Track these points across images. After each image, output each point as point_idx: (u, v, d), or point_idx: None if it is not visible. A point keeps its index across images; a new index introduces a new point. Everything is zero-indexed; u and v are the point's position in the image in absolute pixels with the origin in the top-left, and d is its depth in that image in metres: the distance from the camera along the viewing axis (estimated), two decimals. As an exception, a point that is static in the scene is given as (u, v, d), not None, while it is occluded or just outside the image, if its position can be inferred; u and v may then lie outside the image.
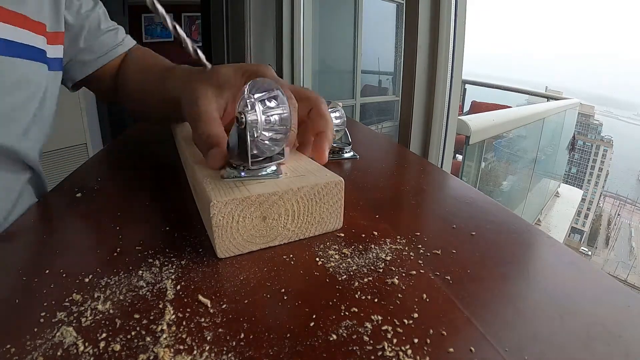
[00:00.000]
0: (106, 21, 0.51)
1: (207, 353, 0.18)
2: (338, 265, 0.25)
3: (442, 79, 0.85)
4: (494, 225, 0.31)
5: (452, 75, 0.87)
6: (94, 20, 0.49)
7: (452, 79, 0.87)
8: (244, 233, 0.25)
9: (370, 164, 0.46)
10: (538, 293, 0.23)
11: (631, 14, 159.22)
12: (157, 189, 0.38)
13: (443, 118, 0.87)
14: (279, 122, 0.26)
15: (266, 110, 0.26)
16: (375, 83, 3.64)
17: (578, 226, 45.24)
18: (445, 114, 0.88)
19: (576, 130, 7.29)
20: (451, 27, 0.84)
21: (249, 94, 0.26)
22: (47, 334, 0.18)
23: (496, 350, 0.18)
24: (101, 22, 0.50)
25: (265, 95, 0.27)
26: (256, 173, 0.27)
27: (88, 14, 0.48)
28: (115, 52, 0.52)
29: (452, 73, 0.87)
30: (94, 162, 0.46)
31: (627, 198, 58.48)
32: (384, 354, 0.18)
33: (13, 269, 0.24)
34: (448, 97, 0.87)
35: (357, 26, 3.04)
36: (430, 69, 0.86)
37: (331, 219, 0.28)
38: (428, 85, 0.86)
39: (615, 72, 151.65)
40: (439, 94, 0.86)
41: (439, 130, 0.88)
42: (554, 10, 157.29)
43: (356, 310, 0.20)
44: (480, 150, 2.11)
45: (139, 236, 0.28)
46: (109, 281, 0.22)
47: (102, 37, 0.50)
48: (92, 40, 0.49)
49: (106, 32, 0.50)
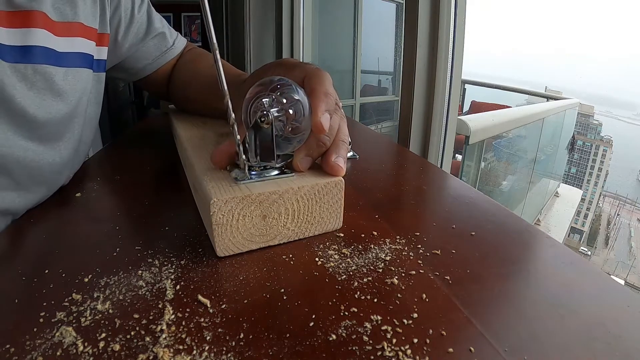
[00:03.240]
0: (151, 23, 0.48)
1: (207, 353, 0.18)
2: (338, 265, 0.25)
3: (442, 78, 0.85)
4: (493, 225, 0.31)
5: (452, 75, 0.87)
6: (140, 24, 0.47)
7: (451, 79, 0.87)
8: (243, 232, 0.25)
9: (370, 164, 0.46)
10: (538, 293, 0.23)
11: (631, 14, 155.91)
12: (156, 189, 0.38)
13: (443, 118, 0.87)
14: (295, 117, 0.27)
15: (284, 106, 0.27)
16: (375, 83, 3.64)
17: (577, 226, 45.27)
18: (444, 113, 0.88)
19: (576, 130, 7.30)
20: (451, 27, 0.84)
21: (267, 92, 0.26)
22: (47, 334, 0.18)
23: (496, 350, 0.18)
24: (149, 25, 0.48)
25: (281, 92, 0.27)
26: (264, 174, 0.27)
27: (132, 16, 0.46)
28: (164, 58, 0.50)
29: (451, 73, 0.87)
30: (93, 161, 0.46)
31: (626, 198, 58.54)
32: (384, 354, 0.18)
33: (12, 269, 0.24)
34: (448, 97, 0.87)
35: (356, 26, 3.04)
36: (430, 69, 0.85)
37: (331, 218, 0.28)
38: (428, 85, 0.86)
39: (615, 72, 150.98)
40: (439, 94, 0.86)
41: (439, 130, 0.88)
42: (554, 10, 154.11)
43: (356, 310, 0.20)
44: (479, 150, 2.11)
45: (138, 236, 0.28)
46: (109, 281, 0.22)
47: (148, 43, 0.48)
48: (137, 47, 0.47)
49: (153, 38, 0.48)
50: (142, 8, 0.48)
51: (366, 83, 3.42)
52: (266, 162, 0.27)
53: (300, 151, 0.28)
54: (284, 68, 0.32)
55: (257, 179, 0.26)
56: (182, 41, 0.53)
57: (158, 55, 0.49)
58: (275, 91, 0.27)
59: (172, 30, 0.52)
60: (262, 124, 0.25)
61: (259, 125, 0.26)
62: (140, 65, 0.49)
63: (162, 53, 0.50)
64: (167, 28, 0.51)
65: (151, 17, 0.49)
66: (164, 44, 0.50)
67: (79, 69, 0.37)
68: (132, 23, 0.46)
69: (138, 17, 0.47)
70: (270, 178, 0.27)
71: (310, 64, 0.32)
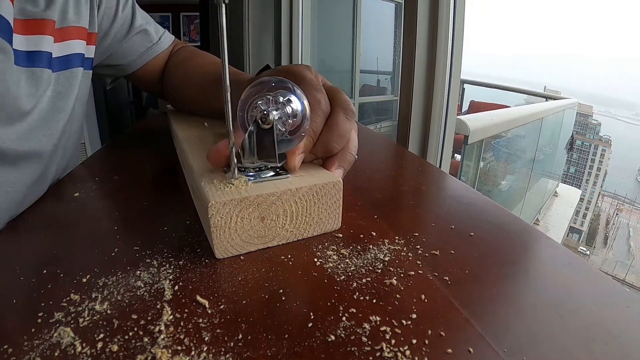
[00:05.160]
0: (135, 20, 0.49)
1: (205, 354, 0.17)
2: (336, 265, 0.24)
3: (441, 78, 0.85)
4: (492, 225, 0.31)
5: (451, 75, 0.87)
6: (123, 21, 0.48)
7: (450, 79, 0.87)
8: (242, 233, 0.25)
9: (368, 164, 0.46)
10: (537, 293, 0.23)
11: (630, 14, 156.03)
12: (155, 189, 0.37)
13: (442, 118, 0.88)
14: (293, 115, 0.27)
15: (283, 106, 0.26)
16: (374, 83, 3.64)
17: (576, 226, 45.34)
18: (443, 113, 0.88)
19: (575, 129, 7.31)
20: (450, 27, 0.84)
21: (264, 93, 0.26)
22: (45, 335, 0.18)
23: (495, 351, 0.18)
24: (132, 22, 0.49)
25: (279, 93, 0.27)
26: (260, 175, 0.27)
27: (116, 15, 0.47)
28: (149, 54, 0.51)
29: (450, 72, 0.87)
30: (92, 161, 0.46)
31: (625, 197, 58.65)
32: (383, 354, 0.18)
33: (10, 269, 0.24)
34: (447, 96, 0.87)
35: (356, 26, 3.04)
36: (429, 69, 0.86)
37: (329, 219, 0.28)
38: (427, 85, 0.86)
39: (614, 72, 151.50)
40: (438, 94, 0.86)
41: (438, 130, 0.88)
42: (553, 10, 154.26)
43: (354, 311, 0.20)
44: (478, 150, 2.12)
45: (136, 236, 0.28)
46: (107, 281, 0.22)
47: (132, 39, 0.49)
48: (121, 43, 0.48)
49: (137, 34, 0.49)
50: (127, 6, 0.49)
51: (365, 83, 3.42)
52: (267, 163, 0.27)
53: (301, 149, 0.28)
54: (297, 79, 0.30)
55: (254, 180, 0.26)
56: (169, 37, 0.54)
57: (143, 52, 0.51)
58: (273, 91, 0.27)
59: (158, 27, 0.53)
60: (264, 124, 0.25)
61: (260, 126, 0.25)
62: (126, 62, 0.50)
63: (147, 49, 0.51)
64: (153, 25, 0.52)
65: (135, 14, 0.50)
66: (148, 39, 0.51)
67: (72, 70, 0.39)
68: (115, 20, 0.47)
69: (121, 15, 0.48)
70: (267, 179, 0.26)
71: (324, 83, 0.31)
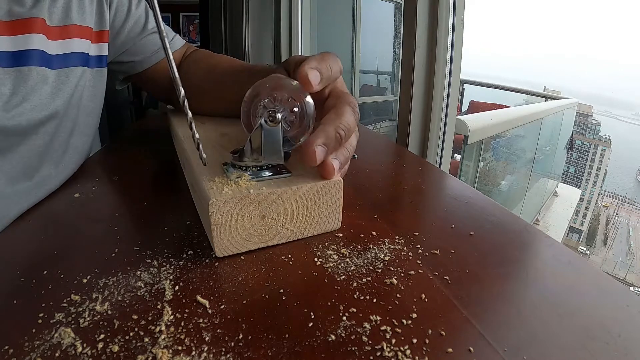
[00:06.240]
0: (148, 22, 0.50)
1: (206, 354, 0.17)
2: (337, 265, 0.25)
3: (441, 78, 0.85)
4: (492, 225, 0.31)
5: (451, 75, 0.87)
6: (137, 19, 0.49)
7: (450, 79, 0.87)
8: (242, 232, 0.25)
9: (368, 164, 0.46)
10: (537, 293, 0.23)
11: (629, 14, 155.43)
12: (155, 189, 0.37)
13: (441, 118, 0.87)
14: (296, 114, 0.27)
15: (288, 105, 0.27)
16: (373, 83, 3.64)
17: (576, 225, 45.32)
18: (443, 113, 0.88)
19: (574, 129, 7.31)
20: (449, 27, 0.84)
21: (268, 93, 0.27)
22: (45, 335, 0.18)
23: (495, 350, 0.18)
24: (146, 22, 0.50)
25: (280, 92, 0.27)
26: (260, 174, 0.27)
27: (129, 11, 0.48)
28: (162, 53, 0.51)
29: (450, 73, 0.87)
30: (92, 162, 0.46)
31: (625, 197, 58.66)
32: (383, 354, 0.18)
33: (11, 270, 0.24)
34: (446, 96, 0.87)
35: (355, 25, 3.04)
36: (429, 69, 0.85)
37: (330, 218, 0.28)
38: (426, 85, 0.86)
39: (614, 72, 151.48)
40: (438, 94, 0.86)
41: (438, 130, 0.88)
42: (553, 10, 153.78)
43: (355, 310, 0.20)
44: (478, 150, 2.12)
45: (137, 237, 0.28)
46: (107, 282, 0.22)
47: (146, 38, 0.50)
48: (134, 41, 0.49)
49: (151, 34, 0.50)
50: (140, 6, 0.50)
51: (365, 83, 3.42)
52: (272, 161, 0.27)
53: (318, 138, 0.25)
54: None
55: (255, 178, 0.26)
56: (181, 41, 0.55)
57: (156, 50, 0.51)
58: (277, 90, 0.27)
59: (169, 30, 0.54)
60: (272, 123, 0.25)
61: (266, 125, 0.26)
62: (139, 59, 0.51)
63: (160, 47, 0.51)
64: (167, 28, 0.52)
65: (148, 17, 0.51)
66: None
67: (72, 68, 0.39)
68: (129, 17, 0.48)
69: (135, 13, 0.49)
70: (268, 178, 0.26)
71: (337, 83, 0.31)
